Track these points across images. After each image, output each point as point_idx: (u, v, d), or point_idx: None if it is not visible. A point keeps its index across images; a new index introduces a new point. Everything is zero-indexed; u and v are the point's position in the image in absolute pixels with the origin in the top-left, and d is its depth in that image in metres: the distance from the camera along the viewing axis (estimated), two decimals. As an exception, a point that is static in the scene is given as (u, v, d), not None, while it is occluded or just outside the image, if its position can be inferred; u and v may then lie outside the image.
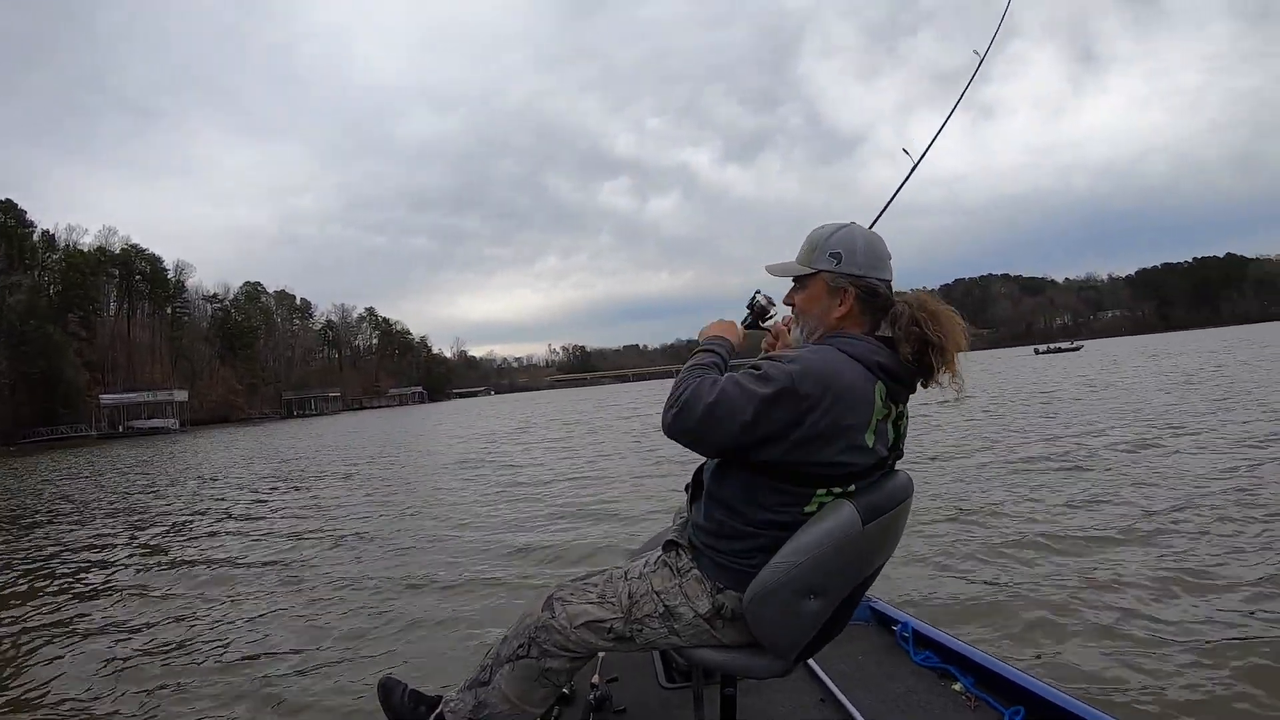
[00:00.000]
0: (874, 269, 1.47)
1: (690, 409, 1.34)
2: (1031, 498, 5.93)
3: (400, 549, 6.10)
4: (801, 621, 1.40)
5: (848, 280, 1.45)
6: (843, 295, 1.46)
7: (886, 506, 1.41)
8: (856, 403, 1.35)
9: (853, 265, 1.45)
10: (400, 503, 8.86)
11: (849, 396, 1.34)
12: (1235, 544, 4.23)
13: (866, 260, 1.46)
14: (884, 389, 1.40)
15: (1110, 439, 8.70)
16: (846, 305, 1.46)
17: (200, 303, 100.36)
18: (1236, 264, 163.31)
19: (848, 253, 1.46)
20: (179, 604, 4.95)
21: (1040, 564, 4.22)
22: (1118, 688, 2.76)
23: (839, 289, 1.46)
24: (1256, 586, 3.55)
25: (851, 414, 1.34)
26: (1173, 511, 5.03)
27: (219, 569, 5.94)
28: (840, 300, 1.46)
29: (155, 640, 4.20)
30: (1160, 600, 3.52)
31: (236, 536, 7.47)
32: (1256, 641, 3.00)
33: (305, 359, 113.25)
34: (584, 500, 7.81)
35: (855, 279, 1.45)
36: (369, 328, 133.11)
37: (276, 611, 4.59)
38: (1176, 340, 65.13)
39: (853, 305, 1.46)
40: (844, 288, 1.46)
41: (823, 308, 1.48)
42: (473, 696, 1.57)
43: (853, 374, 1.36)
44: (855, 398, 1.35)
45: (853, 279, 1.45)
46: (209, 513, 9.53)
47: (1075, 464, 7.27)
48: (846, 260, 1.45)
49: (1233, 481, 5.75)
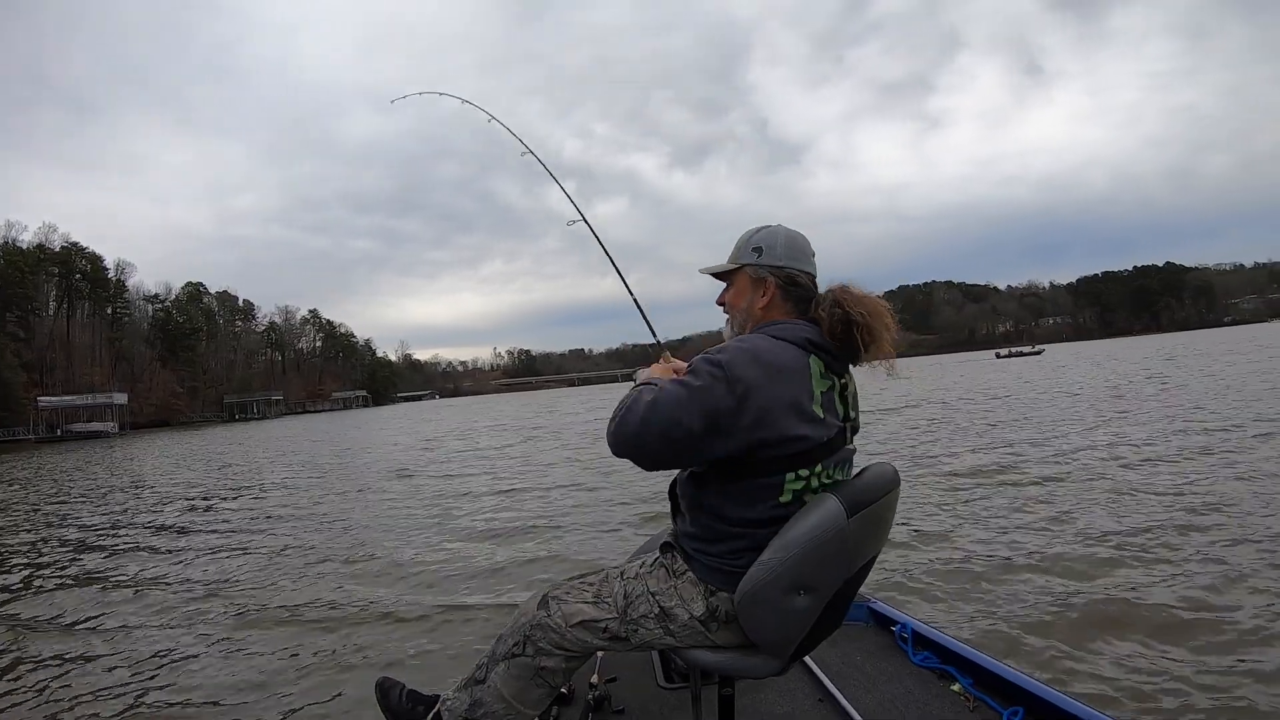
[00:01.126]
0: (794, 261, 1.54)
1: (631, 415, 1.36)
2: (1032, 498, 5.97)
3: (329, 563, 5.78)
4: (793, 619, 1.40)
5: (768, 271, 1.54)
6: (765, 286, 1.54)
7: (871, 498, 1.43)
8: (792, 375, 1.39)
9: (773, 257, 1.54)
10: (337, 516, 8.24)
11: (783, 371, 1.39)
12: (1236, 545, 4.25)
13: (786, 253, 1.54)
14: (819, 362, 1.44)
15: (1110, 442, 8.67)
16: (769, 295, 1.54)
17: (141, 303, 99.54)
18: (1176, 273, 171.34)
19: (768, 247, 1.55)
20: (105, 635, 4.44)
21: (1040, 564, 4.23)
22: (1117, 688, 2.74)
23: (761, 280, 1.54)
24: (1257, 587, 3.57)
25: (790, 386, 1.38)
26: (1174, 513, 5.03)
27: (137, 589, 5.43)
28: (763, 291, 1.54)
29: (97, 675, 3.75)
30: (1159, 600, 3.51)
31: (164, 554, 6.78)
32: (1257, 641, 3.01)
33: (247, 362, 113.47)
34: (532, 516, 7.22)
35: (775, 269, 1.53)
36: (312, 330, 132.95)
37: (204, 634, 4.27)
38: (1130, 345, 67.39)
39: (774, 294, 1.53)
40: (765, 278, 1.54)
41: (748, 300, 1.56)
42: (469, 695, 1.58)
43: (782, 351, 1.42)
44: (790, 371, 1.40)
45: (773, 269, 1.53)
46: (130, 527, 8.74)
47: (1077, 466, 7.30)
48: (767, 254, 1.54)
49: (1242, 485, 5.75)
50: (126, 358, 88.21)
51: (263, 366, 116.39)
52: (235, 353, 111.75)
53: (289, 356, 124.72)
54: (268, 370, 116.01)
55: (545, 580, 3.95)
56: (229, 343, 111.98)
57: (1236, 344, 38.86)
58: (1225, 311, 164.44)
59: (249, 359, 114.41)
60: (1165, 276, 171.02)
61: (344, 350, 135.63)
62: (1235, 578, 3.74)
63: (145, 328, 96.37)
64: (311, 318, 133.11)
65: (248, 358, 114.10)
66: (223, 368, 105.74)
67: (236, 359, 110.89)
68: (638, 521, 6.47)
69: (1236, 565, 3.91)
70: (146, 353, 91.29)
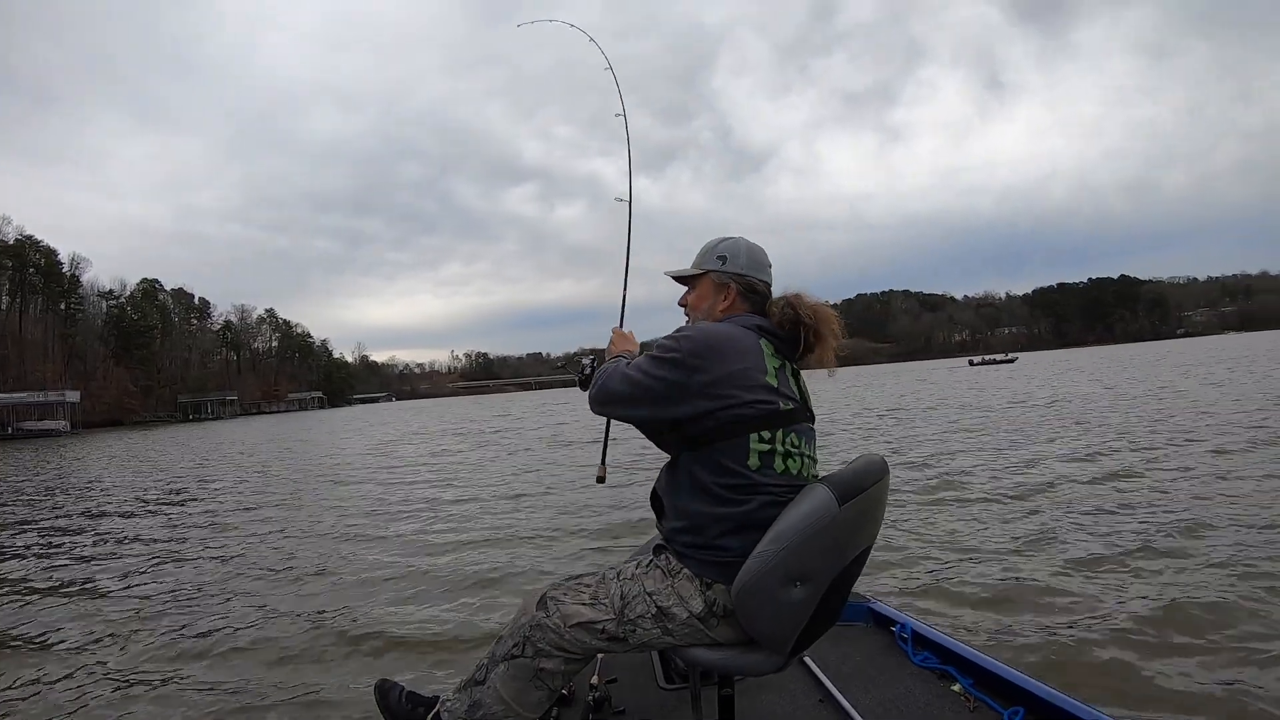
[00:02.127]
0: (755, 270, 1.70)
1: (607, 382, 1.62)
2: (1033, 499, 5.98)
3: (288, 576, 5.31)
4: (790, 610, 1.43)
5: (730, 277, 1.69)
6: (726, 291, 1.69)
7: (861, 487, 1.47)
8: (745, 349, 1.54)
9: (736, 265, 1.69)
10: (289, 523, 7.70)
11: (735, 345, 1.54)
12: (1240, 542, 4.28)
13: (748, 262, 1.70)
14: (769, 344, 1.59)
15: (1112, 446, 8.72)
16: (729, 299, 1.69)
17: (95, 299, 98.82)
18: (1130, 285, 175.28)
19: (732, 256, 1.70)
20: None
21: (1040, 565, 4.24)
22: (1117, 688, 2.74)
23: (723, 285, 1.69)
24: (1259, 588, 3.57)
25: (743, 357, 1.53)
26: (1179, 515, 5.06)
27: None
28: (724, 295, 1.69)
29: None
30: (1160, 600, 3.53)
31: (105, 559, 6.39)
32: (1259, 640, 3.03)
33: (202, 361, 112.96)
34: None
35: (737, 276, 1.68)
36: (269, 330, 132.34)
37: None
38: (1090, 354, 68.40)
39: (735, 299, 1.69)
40: (727, 284, 1.69)
41: (710, 303, 1.71)
42: (468, 696, 1.60)
43: (734, 331, 1.58)
44: (742, 345, 1.55)
45: (735, 276, 1.69)
46: (76, 531, 8.19)
47: (1083, 466, 7.43)
48: (731, 262, 1.69)
49: (1253, 484, 5.82)
50: (80, 355, 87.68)
51: (218, 366, 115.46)
52: (190, 352, 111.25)
53: (244, 356, 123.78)
54: (223, 370, 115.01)
55: (522, 585, 4.38)
56: (184, 341, 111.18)
57: (1210, 354, 39.57)
58: (1178, 324, 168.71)
59: (204, 358, 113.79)
60: (1120, 288, 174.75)
61: (300, 351, 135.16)
62: (1240, 577, 3.74)
63: (99, 324, 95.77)
64: (268, 317, 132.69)
65: (203, 357, 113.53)
66: (177, 367, 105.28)
67: (191, 358, 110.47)
68: (594, 531, 6.16)
69: (1241, 566, 3.91)
70: (100, 350, 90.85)
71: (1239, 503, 5.32)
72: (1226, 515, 4.99)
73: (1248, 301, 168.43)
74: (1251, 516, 4.92)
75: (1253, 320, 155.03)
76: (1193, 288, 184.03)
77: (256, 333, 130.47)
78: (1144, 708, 2.62)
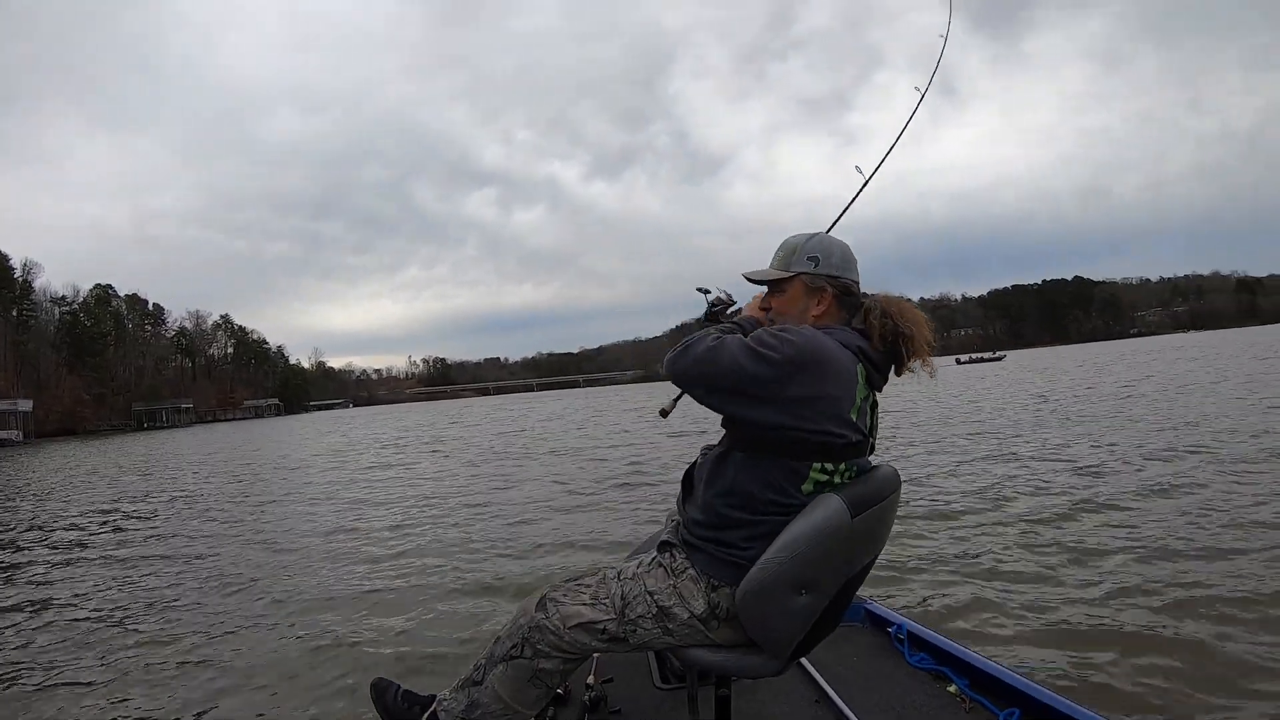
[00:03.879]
0: (847, 271, 1.59)
1: (690, 350, 1.46)
2: (1034, 500, 5.96)
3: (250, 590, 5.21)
4: (794, 618, 1.42)
5: (825, 280, 1.56)
6: (820, 295, 1.57)
7: (874, 499, 1.45)
8: (843, 376, 1.44)
9: (829, 267, 1.57)
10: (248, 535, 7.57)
11: (836, 368, 1.43)
12: (1241, 545, 4.25)
13: (841, 262, 1.59)
14: (864, 371, 1.48)
15: (1113, 440, 8.75)
16: (825, 304, 1.57)
17: (48, 305, 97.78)
18: (1084, 286, 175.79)
19: (824, 256, 1.57)
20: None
21: (1040, 564, 4.22)
22: (1114, 689, 2.73)
23: (817, 289, 1.57)
24: (1261, 588, 3.55)
25: (839, 385, 1.42)
26: (1174, 516, 5.03)
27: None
28: (818, 300, 1.57)
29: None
30: (1160, 600, 3.52)
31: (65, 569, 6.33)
32: (1257, 641, 3.00)
33: (157, 368, 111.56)
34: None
35: (832, 279, 1.56)
36: (224, 336, 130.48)
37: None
38: (1054, 354, 68.35)
39: (830, 304, 1.57)
40: (822, 287, 1.56)
41: (801, 308, 1.58)
42: (465, 696, 1.58)
43: (839, 351, 1.45)
44: (842, 371, 1.44)
45: (830, 279, 1.56)
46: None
47: (1082, 466, 7.33)
48: (824, 263, 1.57)
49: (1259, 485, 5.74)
50: (32, 363, 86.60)
51: (173, 373, 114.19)
52: (144, 359, 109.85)
53: (200, 363, 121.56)
54: (178, 377, 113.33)
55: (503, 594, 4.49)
56: (138, 348, 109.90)
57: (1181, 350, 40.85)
58: (1131, 324, 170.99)
59: (158, 365, 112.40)
60: (1073, 290, 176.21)
61: (256, 357, 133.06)
62: (1238, 577, 3.69)
63: (52, 331, 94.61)
64: (223, 323, 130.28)
65: (157, 364, 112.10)
66: (131, 374, 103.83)
67: (146, 365, 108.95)
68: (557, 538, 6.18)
69: (1243, 565, 3.89)
70: (53, 358, 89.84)
71: (1255, 508, 5.12)
72: (1242, 517, 4.91)
73: (1199, 301, 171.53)
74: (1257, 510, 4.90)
75: (1204, 319, 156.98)
76: (1145, 288, 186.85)
77: (212, 339, 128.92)
78: (1139, 709, 2.60)
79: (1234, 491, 5.68)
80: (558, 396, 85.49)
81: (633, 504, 7.79)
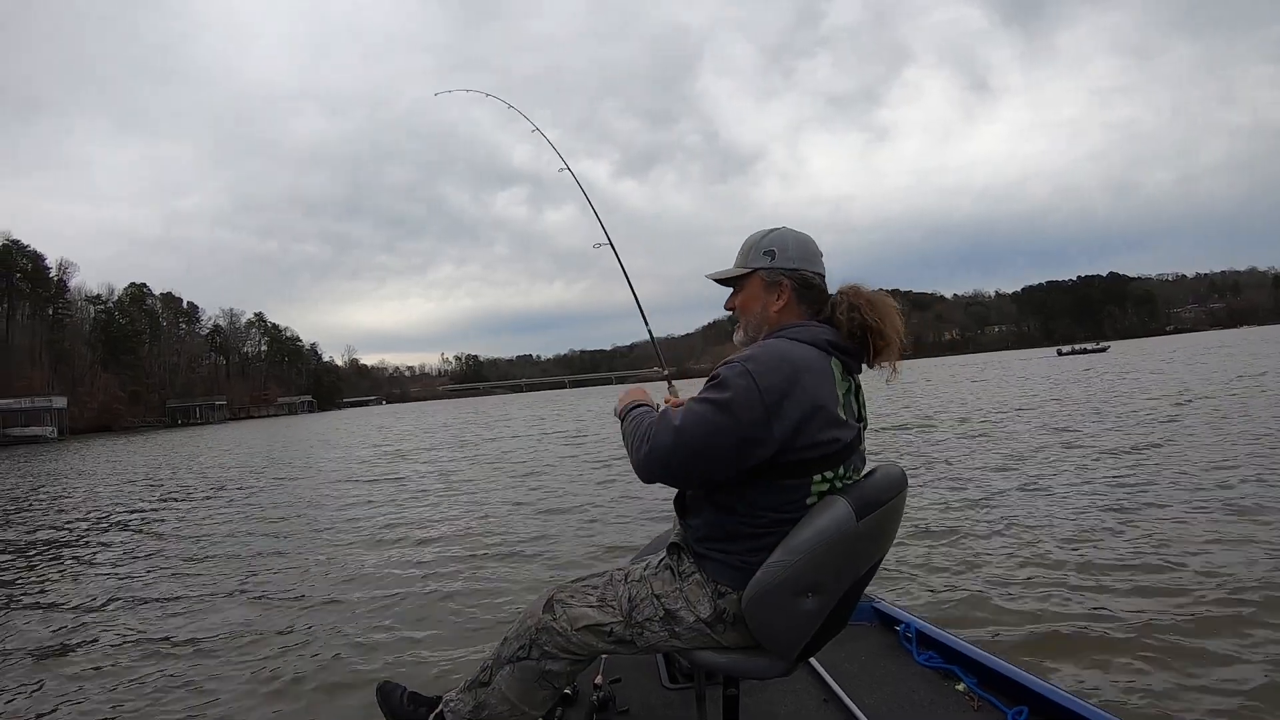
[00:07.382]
0: (807, 263, 1.55)
1: (660, 442, 1.38)
2: (1038, 499, 5.91)
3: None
4: (800, 621, 1.42)
5: (782, 273, 1.53)
6: (779, 289, 1.53)
7: (880, 501, 1.43)
8: (820, 379, 1.40)
9: (786, 260, 1.54)
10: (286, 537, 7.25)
11: (812, 375, 1.39)
12: (1244, 543, 4.25)
13: (799, 254, 1.54)
14: (839, 364, 1.45)
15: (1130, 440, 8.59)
16: (784, 298, 1.53)
17: (83, 304, 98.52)
18: (1119, 283, 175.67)
19: (780, 249, 1.54)
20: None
21: (1041, 565, 4.20)
22: (1121, 688, 2.72)
23: (775, 283, 1.54)
24: (1262, 588, 3.54)
25: (820, 390, 1.38)
26: (1186, 512, 5.02)
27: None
28: (778, 294, 1.54)
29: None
30: (1163, 601, 3.50)
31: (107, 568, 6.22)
32: (1264, 641, 2.99)
33: (191, 366, 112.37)
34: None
35: (789, 272, 1.53)
36: (258, 334, 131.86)
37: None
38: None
39: (789, 297, 1.53)
40: (779, 280, 1.53)
41: (762, 304, 1.55)
42: (472, 697, 1.59)
43: (807, 354, 1.42)
44: (818, 375, 1.40)
45: (787, 272, 1.53)
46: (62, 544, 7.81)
47: (1093, 464, 7.27)
48: (780, 257, 1.54)
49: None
50: (67, 360, 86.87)
51: (206, 371, 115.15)
52: (179, 356, 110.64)
53: (233, 361, 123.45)
54: (211, 375, 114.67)
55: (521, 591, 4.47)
56: (172, 346, 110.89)
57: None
58: (1167, 320, 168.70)
59: (192, 363, 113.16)
60: (1108, 286, 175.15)
61: (289, 355, 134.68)
62: (1247, 579, 3.69)
63: (86, 330, 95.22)
64: (257, 321, 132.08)
65: (191, 362, 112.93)
66: (166, 372, 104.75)
67: (180, 363, 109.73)
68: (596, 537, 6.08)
69: (1248, 566, 3.87)
70: (88, 355, 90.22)
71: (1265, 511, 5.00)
72: (1250, 518, 4.83)
73: (1236, 297, 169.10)
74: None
75: (1241, 316, 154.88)
76: (1181, 284, 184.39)
77: (245, 337, 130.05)
78: (1149, 708, 2.59)
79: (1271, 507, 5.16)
80: (586, 395, 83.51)
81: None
